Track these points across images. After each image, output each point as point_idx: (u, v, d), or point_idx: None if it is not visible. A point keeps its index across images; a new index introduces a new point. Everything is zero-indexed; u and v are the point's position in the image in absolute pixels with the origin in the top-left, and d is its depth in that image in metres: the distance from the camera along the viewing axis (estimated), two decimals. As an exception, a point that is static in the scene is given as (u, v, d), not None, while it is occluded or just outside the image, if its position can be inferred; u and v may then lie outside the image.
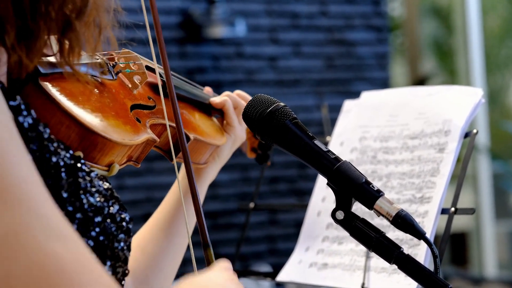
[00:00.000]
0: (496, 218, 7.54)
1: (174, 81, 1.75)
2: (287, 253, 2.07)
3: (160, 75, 1.63)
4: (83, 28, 1.29)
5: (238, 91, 1.96)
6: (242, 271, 2.12)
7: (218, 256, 1.45)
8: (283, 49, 6.20)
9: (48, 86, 1.31)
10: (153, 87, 1.66)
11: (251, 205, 2.20)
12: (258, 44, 6.11)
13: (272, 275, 2.06)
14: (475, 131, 1.92)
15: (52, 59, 1.34)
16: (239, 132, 1.92)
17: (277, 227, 6.06)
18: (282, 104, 1.53)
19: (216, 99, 1.90)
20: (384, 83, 6.46)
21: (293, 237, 2.09)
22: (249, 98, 1.90)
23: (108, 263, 1.28)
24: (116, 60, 1.56)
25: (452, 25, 8.19)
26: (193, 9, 5.84)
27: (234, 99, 1.91)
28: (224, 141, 1.83)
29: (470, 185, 7.39)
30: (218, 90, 1.98)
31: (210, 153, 1.81)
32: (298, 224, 2.09)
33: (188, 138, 1.65)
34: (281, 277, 2.02)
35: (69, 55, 1.30)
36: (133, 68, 1.58)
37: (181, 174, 1.83)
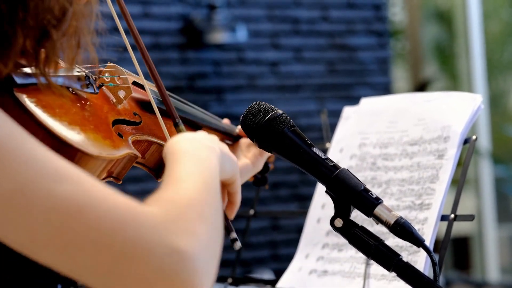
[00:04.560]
0: (498, 222, 7.53)
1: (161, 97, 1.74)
2: (289, 258, 2.07)
3: (149, 91, 1.61)
4: (60, 38, 1.29)
5: None
6: (242, 278, 2.12)
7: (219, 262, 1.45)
8: (285, 54, 6.20)
9: (23, 97, 1.29)
10: (141, 103, 1.62)
11: (251, 212, 2.21)
12: (259, 50, 6.11)
13: (273, 282, 2.06)
14: (474, 137, 1.91)
15: (29, 70, 1.32)
16: (262, 163, 1.88)
17: (279, 233, 6.06)
18: (280, 111, 1.53)
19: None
20: (385, 88, 6.46)
21: (295, 243, 2.08)
22: None
23: None
24: (100, 74, 1.53)
25: (453, 29, 8.20)
26: (194, 15, 5.85)
27: None
28: None
29: (472, 190, 7.39)
30: (219, 96, 1.98)
31: None
32: (300, 230, 2.09)
33: None
34: (281, 284, 2.01)
35: (44, 65, 1.29)
36: (117, 82, 1.55)
37: None
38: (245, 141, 1.88)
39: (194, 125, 1.82)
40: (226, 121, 1.91)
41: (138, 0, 5.68)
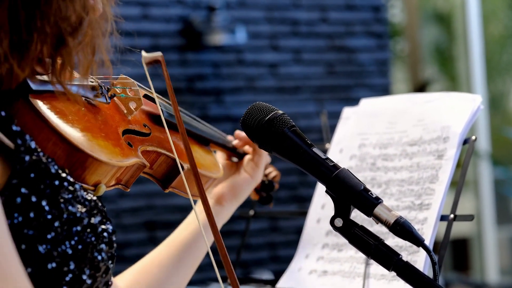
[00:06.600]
0: (498, 224, 7.53)
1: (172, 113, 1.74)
2: (289, 259, 2.07)
3: (160, 105, 1.63)
4: (76, 47, 1.32)
5: None
6: (242, 279, 2.12)
7: (219, 263, 1.45)
8: (284, 56, 6.20)
9: (38, 103, 1.33)
10: (151, 116, 1.65)
11: (251, 212, 2.21)
12: (258, 51, 6.12)
13: (273, 282, 2.06)
14: (473, 137, 1.91)
15: (45, 77, 1.35)
16: (260, 174, 1.97)
17: (278, 234, 6.06)
18: (280, 112, 1.53)
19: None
20: (384, 90, 6.46)
21: (294, 244, 2.09)
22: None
23: (87, 271, 1.30)
24: (112, 85, 1.56)
25: (453, 31, 8.20)
26: (194, 17, 5.85)
27: None
28: (220, 175, 1.81)
29: (472, 191, 7.39)
30: (218, 97, 1.99)
31: (207, 186, 1.78)
32: (299, 231, 2.09)
33: (182, 168, 1.63)
34: (281, 284, 2.02)
35: (60, 72, 1.32)
36: (129, 94, 1.58)
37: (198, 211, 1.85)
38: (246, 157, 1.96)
39: (202, 140, 1.84)
40: (231, 137, 1.96)
41: (137, 2, 5.68)
